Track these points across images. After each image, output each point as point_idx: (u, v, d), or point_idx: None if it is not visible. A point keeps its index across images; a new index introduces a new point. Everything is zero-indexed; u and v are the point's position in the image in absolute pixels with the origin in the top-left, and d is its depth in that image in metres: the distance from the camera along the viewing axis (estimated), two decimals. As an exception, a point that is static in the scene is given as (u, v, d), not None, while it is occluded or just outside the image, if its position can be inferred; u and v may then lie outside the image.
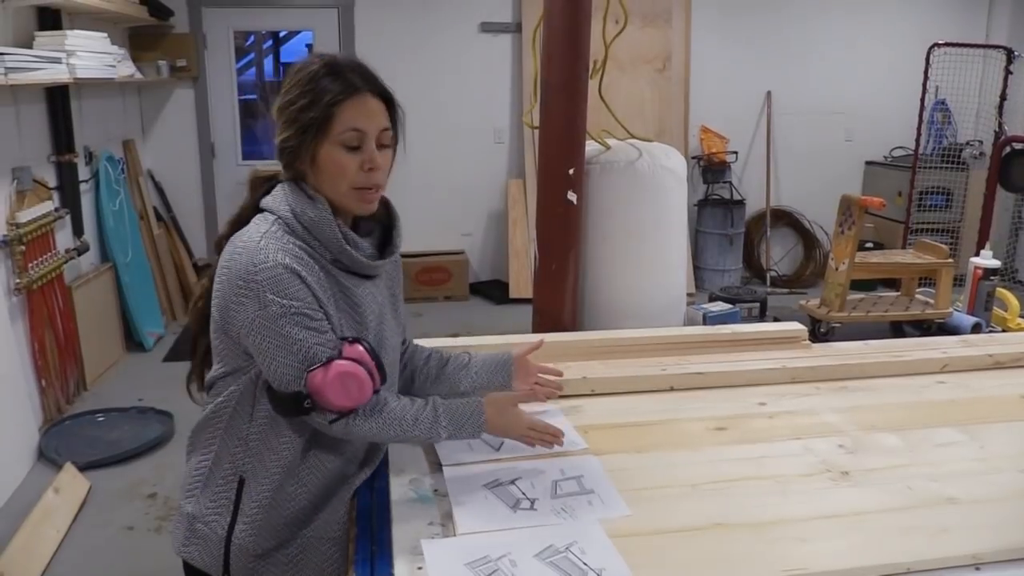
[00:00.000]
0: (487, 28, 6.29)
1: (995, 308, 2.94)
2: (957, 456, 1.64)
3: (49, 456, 3.63)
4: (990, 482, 1.53)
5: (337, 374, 1.29)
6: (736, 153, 6.63)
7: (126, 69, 4.87)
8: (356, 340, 1.35)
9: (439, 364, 1.69)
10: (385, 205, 1.50)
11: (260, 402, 1.39)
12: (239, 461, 1.41)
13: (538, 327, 2.89)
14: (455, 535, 1.32)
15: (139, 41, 5.64)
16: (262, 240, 1.33)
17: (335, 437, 1.40)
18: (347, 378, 1.30)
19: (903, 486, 1.51)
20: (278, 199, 1.38)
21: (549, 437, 1.51)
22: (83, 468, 3.48)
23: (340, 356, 1.31)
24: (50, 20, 4.16)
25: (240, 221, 1.41)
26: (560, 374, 1.77)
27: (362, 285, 1.43)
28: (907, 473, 1.56)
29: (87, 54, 4.11)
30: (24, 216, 3.78)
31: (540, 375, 1.73)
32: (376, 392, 1.35)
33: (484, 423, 1.44)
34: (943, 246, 3.13)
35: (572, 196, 2.72)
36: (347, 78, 1.35)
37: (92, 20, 4.70)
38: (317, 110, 1.33)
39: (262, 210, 1.40)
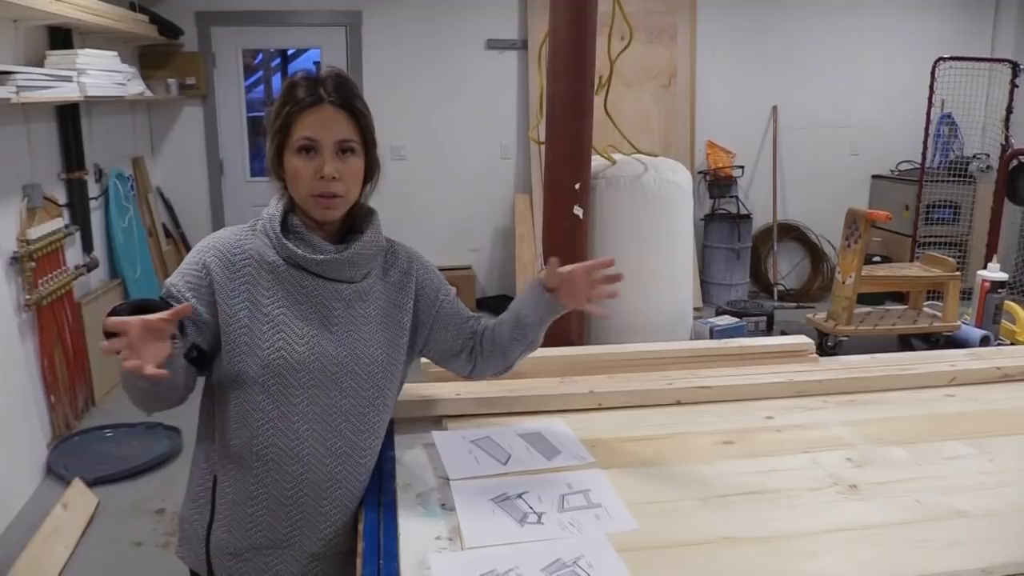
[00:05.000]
0: (493, 45, 6.33)
1: (1003, 321, 2.93)
2: (966, 469, 1.63)
3: (57, 472, 3.64)
4: (999, 495, 1.52)
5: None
6: (742, 167, 6.64)
7: (136, 87, 4.91)
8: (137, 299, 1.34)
9: (502, 330, 1.66)
10: (368, 214, 1.53)
11: (218, 397, 1.45)
12: (212, 458, 1.48)
13: (545, 341, 2.89)
14: (462, 549, 1.32)
15: (149, 60, 5.70)
16: (226, 230, 1.49)
17: (282, 441, 1.42)
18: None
19: (912, 500, 1.50)
20: (269, 205, 1.50)
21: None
22: (91, 484, 3.49)
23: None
24: (61, 39, 4.20)
25: None
26: (611, 262, 1.57)
27: (325, 285, 1.45)
28: (916, 487, 1.55)
29: (97, 72, 4.15)
30: (34, 233, 3.81)
31: (594, 277, 1.55)
32: None
33: None
34: (950, 259, 3.13)
35: (578, 211, 2.73)
36: (314, 89, 1.40)
37: (103, 39, 4.75)
38: (281, 119, 1.41)
39: None
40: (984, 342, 2.78)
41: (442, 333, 1.64)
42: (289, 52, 6.70)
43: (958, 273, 3.08)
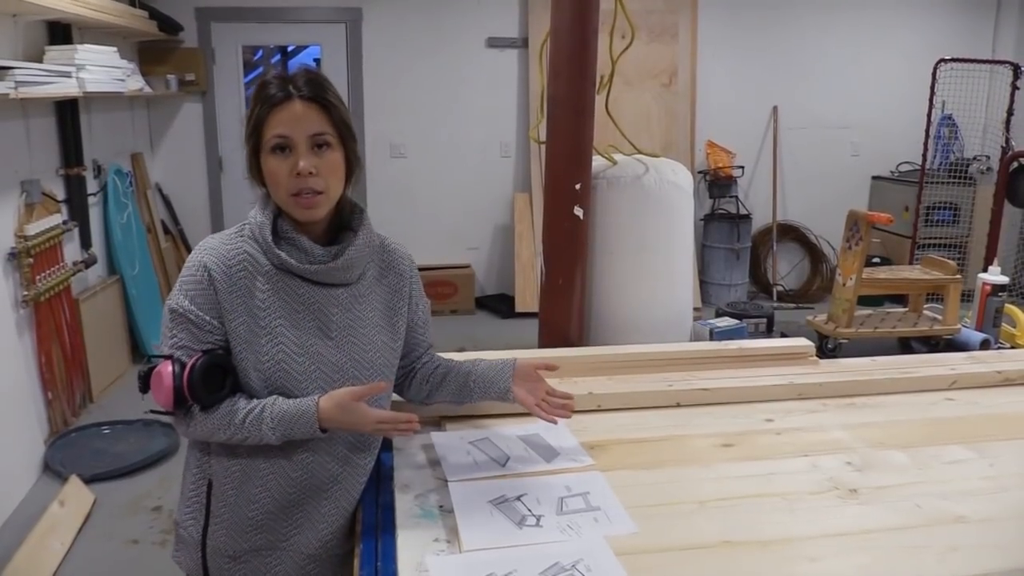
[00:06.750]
0: (494, 43, 6.32)
1: (1004, 324, 2.91)
2: (966, 474, 1.63)
3: (54, 468, 3.63)
4: (999, 500, 1.52)
5: (156, 372, 1.36)
6: (742, 168, 6.64)
7: (135, 83, 4.90)
8: (197, 359, 1.36)
9: (444, 372, 1.68)
10: (358, 213, 1.51)
11: None
12: (204, 464, 1.48)
13: (544, 342, 2.88)
14: (460, 552, 1.32)
15: (148, 55, 5.69)
16: (213, 239, 1.44)
17: (292, 445, 1.42)
18: (156, 377, 1.36)
19: (912, 504, 1.50)
20: (255, 209, 1.47)
21: (404, 425, 1.40)
22: (88, 481, 3.48)
23: (176, 359, 1.37)
24: (60, 34, 4.19)
25: None
26: (571, 397, 1.66)
27: (321, 291, 1.44)
28: (916, 491, 1.55)
29: (97, 68, 4.14)
30: (32, 229, 3.80)
31: (550, 395, 1.64)
32: (183, 404, 1.37)
33: (316, 421, 1.36)
34: (951, 262, 3.11)
35: (579, 211, 2.72)
36: (282, 87, 1.38)
37: (102, 34, 4.74)
38: (252, 121, 1.39)
39: None
40: (984, 346, 2.77)
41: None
42: (289, 48, 6.68)
43: (959, 276, 3.06)
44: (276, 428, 1.36)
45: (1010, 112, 5.98)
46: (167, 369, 1.35)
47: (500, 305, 6.38)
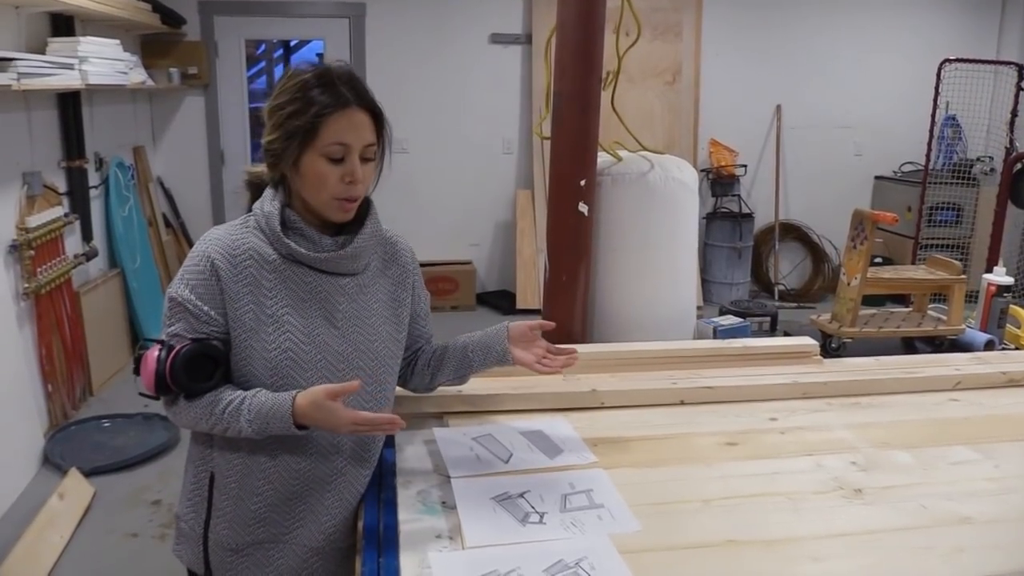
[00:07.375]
0: (497, 39, 6.30)
1: (1008, 325, 2.91)
2: (971, 475, 1.62)
3: (54, 461, 3.63)
4: (1005, 502, 1.51)
5: (144, 355, 1.37)
6: (745, 166, 6.62)
7: (138, 76, 4.89)
8: (183, 346, 1.36)
9: (441, 352, 1.68)
10: (364, 203, 1.50)
11: None
12: (207, 458, 1.47)
13: (548, 339, 2.88)
14: (463, 548, 1.31)
15: (151, 48, 5.67)
16: (217, 230, 1.44)
17: (294, 438, 1.41)
18: (144, 361, 1.37)
19: (917, 505, 1.49)
20: (262, 200, 1.45)
21: (386, 427, 1.36)
22: (88, 474, 3.47)
23: (165, 345, 1.37)
24: (63, 26, 4.18)
25: None
26: (574, 352, 1.65)
27: (328, 280, 1.44)
28: (921, 492, 1.54)
29: (99, 60, 4.12)
30: (34, 221, 3.79)
31: (550, 352, 1.63)
32: (166, 390, 1.37)
33: (290, 417, 1.33)
34: (956, 262, 3.11)
35: (583, 207, 2.72)
36: (337, 90, 1.37)
37: (105, 27, 4.72)
38: (304, 119, 1.36)
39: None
40: (989, 346, 2.77)
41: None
42: (292, 43, 6.67)
43: (964, 276, 3.07)
44: (253, 421, 1.35)
45: (1014, 113, 5.97)
46: (153, 354, 1.35)
47: (501, 302, 6.37)
